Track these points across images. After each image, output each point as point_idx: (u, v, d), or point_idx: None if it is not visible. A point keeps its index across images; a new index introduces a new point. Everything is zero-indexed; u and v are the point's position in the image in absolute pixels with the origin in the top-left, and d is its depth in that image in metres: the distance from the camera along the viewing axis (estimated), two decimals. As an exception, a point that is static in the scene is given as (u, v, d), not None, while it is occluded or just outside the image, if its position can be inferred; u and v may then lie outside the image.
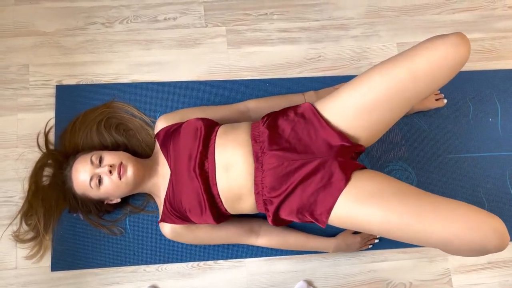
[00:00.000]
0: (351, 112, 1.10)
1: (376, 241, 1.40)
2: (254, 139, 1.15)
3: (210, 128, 1.19)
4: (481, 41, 1.59)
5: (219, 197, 1.15)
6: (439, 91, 1.52)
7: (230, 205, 1.17)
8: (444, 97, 1.51)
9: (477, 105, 1.53)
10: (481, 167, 1.49)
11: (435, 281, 1.41)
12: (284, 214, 1.15)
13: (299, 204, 1.11)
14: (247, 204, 1.17)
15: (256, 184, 1.12)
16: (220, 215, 1.20)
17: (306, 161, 1.10)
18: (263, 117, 1.21)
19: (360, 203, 1.05)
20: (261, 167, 1.11)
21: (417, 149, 1.49)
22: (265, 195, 1.13)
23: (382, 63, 1.09)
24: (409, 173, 1.47)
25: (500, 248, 0.95)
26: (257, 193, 1.14)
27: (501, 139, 1.51)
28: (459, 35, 1.03)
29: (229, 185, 1.13)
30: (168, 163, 1.21)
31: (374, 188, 1.05)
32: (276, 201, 1.12)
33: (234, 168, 1.13)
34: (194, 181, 1.13)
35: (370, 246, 1.40)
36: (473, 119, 1.52)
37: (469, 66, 1.56)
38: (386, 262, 1.41)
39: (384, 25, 1.58)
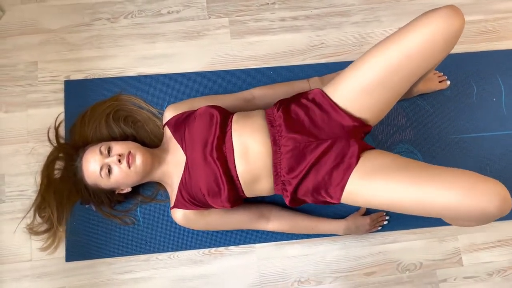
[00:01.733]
0: (354, 93, 1.14)
1: (386, 222, 1.41)
2: (271, 123, 1.20)
3: (225, 115, 1.23)
4: (482, 23, 1.60)
5: (238, 180, 1.19)
6: (442, 73, 1.53)
7: (248, 188, 1.21)
8: (447, 79, 1.52)
9: (481, 85, 1.54)
10: (487, 147, 1.49)
11: (445, 261, 1.42)
12: (301, 194, 1.20)
13: (315, 183, 1.16)
14: (265, 186, 1.21)
15: (274, 166, 1.17)
16: (237, 198, 1.23)
17: (320, 142, 1.15)
18: (275, 104, 1.25)
19: (366, 179, 1.09)
20: (279, 149, 1.16)
21: (422, 131, 1.50)
22: (283, 176, 1.17)
23: (378, 44, 1.12)
24: (415, 155, 1.48)
25: (502, 210, 0.95)
26: (275, 175, 1.19)
27: (505, 118, 1.52)
28: (450, 7, 1.03)
29: (249, 168, 1.17)
30: (183, 149, 1.23)
31: (379, 164, 1.10)
32: (294, 182, 1.16)
33: (252, 151, 1.17)
34: (212, 164, 1.16)
35: (379, 228, 1.41)
36: (477, 99, 1.53)
37: (471, 47, 1.57)
38: (396, 244, 1.42)
39: (385, 10, 1.60)
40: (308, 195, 1.19)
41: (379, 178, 1.08)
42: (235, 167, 1.18)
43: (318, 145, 1.15)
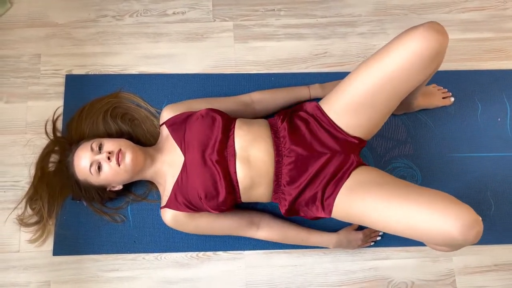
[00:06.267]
0: (344, 112, 1.15)
1: (379, 238, 1.38)
2: (275, 134, 1.20)
3: (227, 120, 1.23)
4: (491, 41, 1.57)
5: (238, 185, 1.18)
6: (446, 90, 1.50)
7: (246, 193, 1.21)
8: (452, 96, 1.49)
9: (486, 104, 1.50)
10: (488, 168, 1.45)
11: (438, 282, 1.38)
12: (297, 205, 1.21)
13: (311, 195, 1.17)
14: (263, 193, 1.22)
15: (276, 175, 1.18)
16: (233, 203, 1.22)
17: (320, 154, 1.16)
18: (278, 115, 1.26)
19: (350, 193, 1.11)
20: (281, 160, 1.17)
21: (422, 147, 1.47)
22: (284, 186, 1.18)
23: (363, 62, 1.11)
24: (413, 171, 1.45)
25: (466, 236, 0.91)
26: (275, 184, 1.19)
27: (509, 140, 1.48)
28: (428, 25, 1.00)
29: (250, 174, 1.18)
30: (181, 150, 1.22)
31: (364, 179, 1.12)
32: (294, 193, 1.18)
33: (255, 158, 1.18)
34: (211, 167, 1.16)
35: (372, 243, 1.38)
36: (481, 118, 1.49)
37: (478, 65, 1.54)
38: (388, 260, 1.39)
39: (392, 23, 1.58)
40: (303, 205, 1.20)
41: (359, 193, 1.09)
42: (235, 172, 1.17)
43: (318, 158, 1.16)
